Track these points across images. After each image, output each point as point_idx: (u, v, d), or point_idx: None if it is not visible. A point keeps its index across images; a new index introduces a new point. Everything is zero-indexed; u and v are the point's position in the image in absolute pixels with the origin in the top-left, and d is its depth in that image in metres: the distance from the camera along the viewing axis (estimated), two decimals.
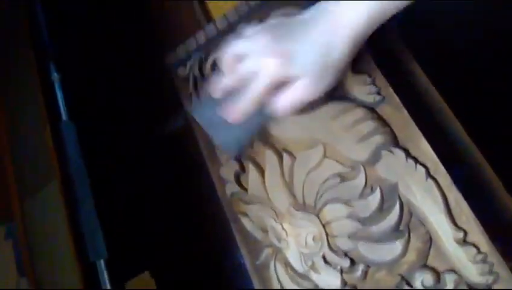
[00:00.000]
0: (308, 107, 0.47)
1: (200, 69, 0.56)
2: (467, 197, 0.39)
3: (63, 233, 0.61)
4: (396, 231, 0.41)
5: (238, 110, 0.44)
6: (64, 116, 0.72)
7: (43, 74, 0.74)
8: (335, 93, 0.47)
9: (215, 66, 0.55)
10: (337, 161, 0.45)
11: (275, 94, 0.43)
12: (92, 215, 0.64)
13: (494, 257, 0.38)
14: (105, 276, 0.61)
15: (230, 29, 0.55)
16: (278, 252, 0.46)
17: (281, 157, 0.48)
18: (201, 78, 0.55)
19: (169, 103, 0.63)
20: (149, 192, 0.69)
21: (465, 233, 0.39)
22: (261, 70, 0.42)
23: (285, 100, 0.43)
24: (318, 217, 0.45)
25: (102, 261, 0.61)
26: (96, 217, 0.64)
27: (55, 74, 0.75)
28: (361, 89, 0.46)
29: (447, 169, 0.40)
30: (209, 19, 0.65)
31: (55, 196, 0.63)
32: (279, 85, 0.43)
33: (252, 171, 0.49)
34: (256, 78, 0.43)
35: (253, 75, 0.43)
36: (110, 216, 0.65)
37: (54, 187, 0.63)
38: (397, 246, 0.41)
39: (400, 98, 0.44)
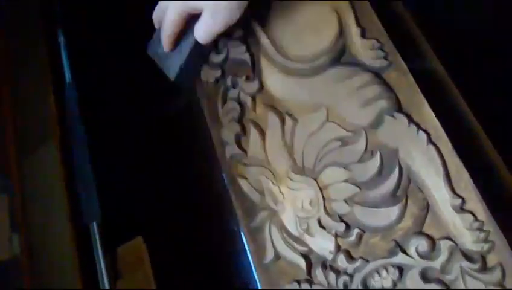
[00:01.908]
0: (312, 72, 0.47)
1: None
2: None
3: (58, 193, 0.62)
4: (393, 197, 0.41)
5: (164, 42, 0.52)
6: (68, 79, 0.72)
7: (51, 39, 0.75)
8: (342, 58, 0.47)
9: None
10: (339, 125, 0.45)
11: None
12: (88, 177, 0.64)
13: (491, 226, 0.37)
14: (97, 239, 0.61)
15: None
16: (273, 215, 0.45)
17: (283, 121, 0.48)
18: None
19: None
20: (145, 160, 0.69)
21: (463, 200, 0.38)
22: (169, 7, 0.50)
23: (198, 30, 0.49)
24: (316, 181, 0.44)
25: (95, 224, 0.61)
26: (92, 180, 0.64)
27: (62, 38, 0.75)
28: (368, 54, 0.45)
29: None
30: None
31: (53, 156, 0.63)
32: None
33: (252, 134, 0.49)
34: (166, 15, 0.50)
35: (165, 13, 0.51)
36: (105, 181, 0.64)
37: (52, 147, 0.64)
38: (393, 211, 0.40)
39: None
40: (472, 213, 0.38)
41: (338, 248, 0.42)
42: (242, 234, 0.47)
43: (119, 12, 0.78)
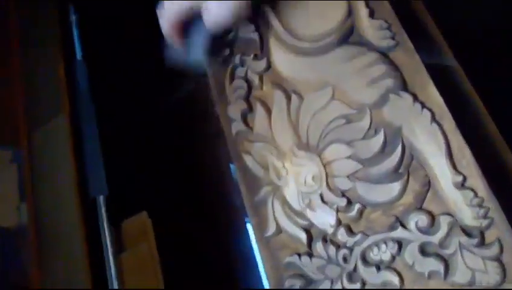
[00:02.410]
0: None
1: None
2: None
3: (67, 165, 0.63)
4: (395, 173, 0.41)
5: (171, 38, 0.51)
6: (78, 56, 0.73)
7: (63, 17, 0.75)
8: (350, 38, 0.48)
9: None
10: (344, 103, 0.45)
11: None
12: (96, 151, 0.65)
13: (491, 203, 0.37)
14: (103, 212, 0.62)
15: None
16: (276, 190, 0.46)
17: (289, 98, 0.48)
18: None
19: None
20: (152, 139, 0.70)
21: (464, 177, 0.38)
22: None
23: (207, 20, 0.48)
24: (320, 157, 0.45)
25: (102, 197, 0.62)
26: (100, 154, 0.65)
27: (73, 16, 0.76)
28: (376, 34, 0.45)
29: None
30: None
31: (63, 129, 0.64)
32: None
33: (259, 110, 0.49)
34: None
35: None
36: (113, 156, 0.65)
37: (62, 120, 0.65)
38: (395, 187, 0.41)
39: None
40: (473, 190, 0.38)
41: (339, 222, 0.42)
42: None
43: None
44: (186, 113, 0.70)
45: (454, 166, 0.39)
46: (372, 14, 0.47)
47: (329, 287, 0.41)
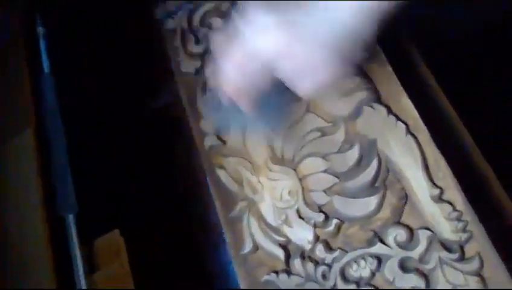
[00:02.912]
0: None
1: (189, 21, 0.55)
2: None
3: (33, 183, 0.60)
4: (372, 187, 0.41)
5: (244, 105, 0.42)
6: (46, 69, 0.71)
7: (29, 28, 0.73)
8: None
9: (204, 19, 0.54)
10: (319, 116, 0.44)
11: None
12: (64, 168, 0.63)
13: (469, 216, 0.37)
14: (73, 231, 0.59)
15: None
16: (252, 205, 0.45)
17: None
18: (189, 31, 0.54)
19: (162, 76, 0.62)
20: (124, 153, 0.68)
21: (442, 190, 0.38)
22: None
23: (308, 86, 0.40)
24: (295, 171, 0.44)
25: (71, 216, 0.60)
26: (68, 171, 0.62)
27: (40, 28, 0.74)
28: None
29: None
30: None
31: (28, 146, 0.61)
32: None
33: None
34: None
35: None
36: (82, 173, 0.63)
37: (27, 137, 0.62)
38: (372, 201, 0.40)
39: None
40: (450, 203, 0.38)
41: (317, 238, 0.41)
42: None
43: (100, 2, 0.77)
44: (161, 127, 0.68)
45: (430, 178, 0.39)
46: None
47: None
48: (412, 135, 0.40)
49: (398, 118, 0.41)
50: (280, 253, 0.42)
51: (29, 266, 0.57)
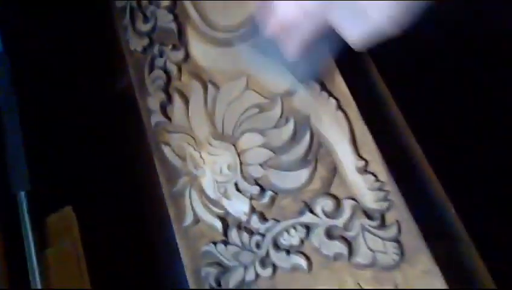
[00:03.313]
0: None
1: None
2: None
3: None
4: (304, 161, 0.43)
5: (294, 49, 0.40)
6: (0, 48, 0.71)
7: None
8: None
9: None
10: (258, 93, 0.46)
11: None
12: (18, 146, 0.63)
13: (391, 186, 0.39)
14: (24, 208, 0.60)
15: None
16: (194, 180, 0.47)
17: (206, 88, 0.48)
18: (138, 9, 0.55)
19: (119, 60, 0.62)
20: (78, 132, 0.69)
21: (367, 162, 0.40)
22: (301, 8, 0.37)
23: (361, 33, 0.37)
24: (234, 146, 0.45)
25: (23, 193, 0.60)
26: (22, 149, 0.63)
27: None
28: None
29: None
30: None
31: None
32: None
33: (176, 102, 0.49)
34: (301, 22, 0.38)
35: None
36: (34, 148, 0.64)
37: None
38: (304, 174, 0.42)
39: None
40: (374, 174, 0.40)
41: (252, 209, 0.43)
42: None
43: None
44: (117, 108, 0.69)
45: (357, 152, 0.41)
46: None
47: (242, 273, 0.42)
48: (342, 110, 0.42)
49: (330, 94, 0.43)
50: (219, 225, 0.44)
51: None
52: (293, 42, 0.40)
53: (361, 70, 0.47)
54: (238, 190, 0.44)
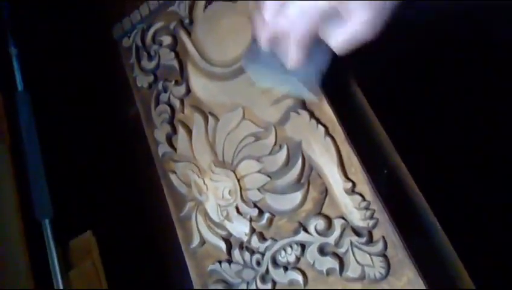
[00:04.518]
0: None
1: (142, 40, 0.60)
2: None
3: (9, 192, 0.65)
4: (297, 184, 0.46)
5: (292, 56, 0.42)
6: (20, 87, 0.76)
7: (2, 48, 0.78)
8: None
9: (155, 36, 0.60)
10: (253, 122, 0.50)
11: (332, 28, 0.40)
12: (40, 177, 0.68)
13: (376, 205, 0.43)
14: (49, 235, 0.65)
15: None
16: (199, 204, 0.51)
17: (206, 120, 0.53)
18: (142, 48, 0.60)
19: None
20: (95, 161, 0.73)
21: (354, 184, 0.44)
22: (293, 7, 0.39)
23: (342, 38, 0.40)
24: (234, 173, 0.50)
25: (47, 221, 0.65)
26: (44, 180, 0.68)
27: (13, 48, 0.79)
28: None
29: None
30: None
31: (3, 158, 0.67)
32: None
33: (181, 133, 0.54)
34: (293, 22, 0.40)
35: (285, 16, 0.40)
36: (54, 176, 0.68)
37: (2, 149, 0.67)
38: (297, 196, 0.46)
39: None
40: (360, 194, 0.43)
41: (252, 230, 0.47)
42: None
43: (71, 19, 0.82)
44: (128, 135, 0.73)
45: (345, 174, 0.45)
46: None
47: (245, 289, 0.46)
48: (330, 136, 0.46)
49: (318, 122, 0.47)
50: (223, 245, 0.48)
51: (8, 268, 0.63)
52: (289, 50, 0.42)
53: (348, 96, 0.51)
54: (238, 212, 0.48)
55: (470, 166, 0.53)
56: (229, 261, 0.48)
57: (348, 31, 0.39)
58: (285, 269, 0.45)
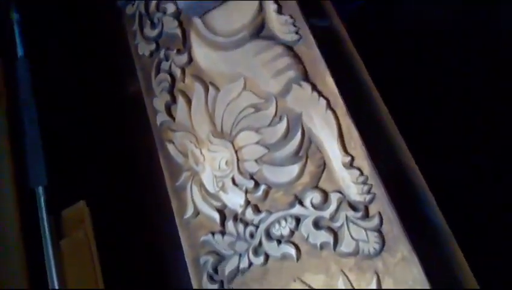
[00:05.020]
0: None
1: (146, 7, 0.59)
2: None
3: (4, 157, 0.65)
4: (296, 156, 0.45)
5: None
6: (20, 53, 0.75)
7: (3, 15, 0.77)
8: (261, 33, 0.51)
9: (159, 4, 0.59)
10: (254, 93, 0.49)
11: None
12: (36, 144, 0.67)
13: (374, 180, 0.42)
14: (42, 203, 0.64)
15: None
16: (195, 175, 0.50)
17: (207, 90, 0.52)
18: (146, 16, 0.59)
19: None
20: (91, 128, 0.73)
21: (352, 158, 0.43)
22: None
23: None
24: (232, 143, 0.49)
25: (41, 188, 0.65)
26: (40, 146, 0.67)
27: (15, 14, 0.78)
28: (281, 28, 0.49)
29: None
30: None
31: (1, 123, 0.66)
32: None
33: (180, 102, 0.53)
34: None
35: None
36: (50, 146, 0.68)
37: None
38: (295, 169, 0.45)
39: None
40: (359, 169, 0.43)
41: (247, 202, 0.46)
42: None
43: None
44: (129, 110, 0.72)
45: (344, 148, 0.44)
46: (279, 10, 0.51)
47: (237, 261, 0.45)
48: (332, 109, 0.45)
49: (320, 94, 0.46)
50: (217, 216, 0.47)
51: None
52: None
53: (351, 70, 0.50)
54: (234, 184, 0.47)
55: (475, 150, 0.52)
56: (222, 233, 0.47)
57: None
58: (279, 242, 0.44)
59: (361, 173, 0.42)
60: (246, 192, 0.47)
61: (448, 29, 0.57)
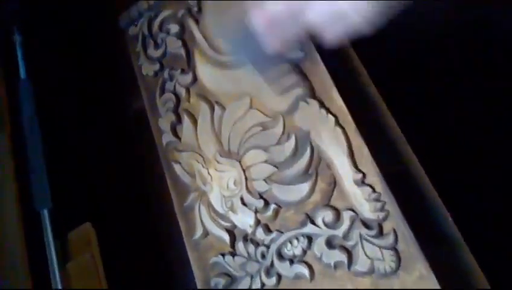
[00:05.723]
0: None
1: (149, 28, 0.59)
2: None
3: (8, 181, 0.64)
4: (305, 174, 0.45)
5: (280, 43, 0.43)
6: (22, 75, 0.75)
7: (6, 37, 0.77)
8: None
9: (163, 24, 0.58)
10: (260, 112, 0.49)
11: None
12: (40, 167, 0.67)
13: (387, 197, 0.41)
14: (48, 225, 0.63)
15: None
16: (202, 195, 0.49)
17: (212, 109, 0.51)
18: (149, 36, 0.59)
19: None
20: (95, 150, 0.72)
21: (364, 175, 0.42)
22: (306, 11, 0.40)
23: (330, 34, 0.40)
24: (240, 163, 0.48)
25: (46, 211, 0.64)
26: (44, 168, 0.66)
27: (17, 36, 0.78)
28: None
29: None
30: None
31: (4, 146, 0.66)
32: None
33: (186, 121, 0.53)
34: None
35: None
36: (55, 168, 0.67)
37: (2, 138, 0.66)
38: (305, 187, 0.44)
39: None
40: (371, 186, 0.42)
41: (257, 222, 0.46)
42: None
43: (76, 10, 0.81)
44: (133, 129, 0.72)
45: (355, 165, 0.43)
46: None
47: (249, 283, 0.44)
48: (340, 126, 0.45)
49: (328, 111, 0.45)
50: (226, 237, 0.47)
51: (6, 259, 0.61)
52: (276, 36, 0.42)
53: (357, 83, 0.49)
54: (243, 203, 0.47)
55: (485, 163, 0.51)
56: (233, 254, 0.46)
57: (349, 26, 0.39)
58: (291, 262, 0.43)
59: (374, 190, 0.42)
60: (256, 212, 0.46)
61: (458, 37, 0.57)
